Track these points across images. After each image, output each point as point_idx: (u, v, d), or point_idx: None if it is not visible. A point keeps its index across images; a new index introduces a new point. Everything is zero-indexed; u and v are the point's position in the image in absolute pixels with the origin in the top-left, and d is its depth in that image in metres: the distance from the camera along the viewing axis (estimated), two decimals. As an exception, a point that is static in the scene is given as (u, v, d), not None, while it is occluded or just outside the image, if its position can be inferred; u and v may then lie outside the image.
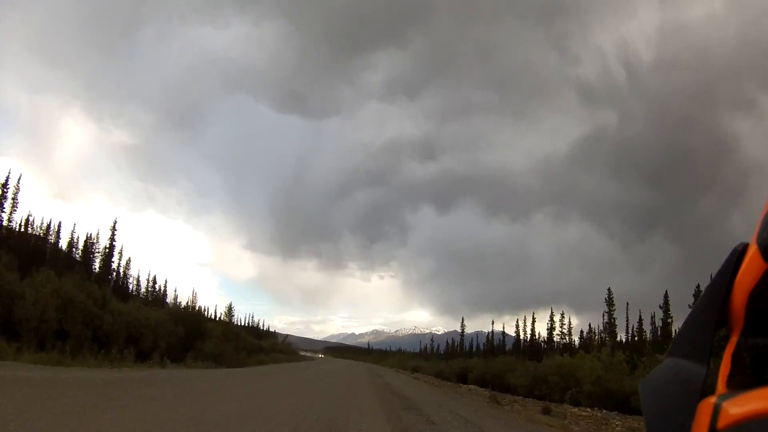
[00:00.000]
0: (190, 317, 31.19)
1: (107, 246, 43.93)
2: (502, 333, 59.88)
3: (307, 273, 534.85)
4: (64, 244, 49.38)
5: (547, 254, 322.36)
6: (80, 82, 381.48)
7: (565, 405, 16.72)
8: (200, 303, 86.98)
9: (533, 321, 50.05)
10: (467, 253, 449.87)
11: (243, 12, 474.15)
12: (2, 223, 31.28)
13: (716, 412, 0.47)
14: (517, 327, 55.49)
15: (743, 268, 0.50)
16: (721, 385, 0.50)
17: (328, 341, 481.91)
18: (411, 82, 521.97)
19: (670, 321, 32.81)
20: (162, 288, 62.92)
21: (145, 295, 55.85)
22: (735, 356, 0.50)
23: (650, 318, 40.54)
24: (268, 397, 10.55)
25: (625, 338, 41.07)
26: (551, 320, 46.44)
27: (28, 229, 47.86)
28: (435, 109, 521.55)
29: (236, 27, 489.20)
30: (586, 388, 17.20)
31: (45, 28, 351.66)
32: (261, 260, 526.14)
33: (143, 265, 66.46)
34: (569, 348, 41.00)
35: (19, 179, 32.20)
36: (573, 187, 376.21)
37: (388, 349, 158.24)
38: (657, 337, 34.46)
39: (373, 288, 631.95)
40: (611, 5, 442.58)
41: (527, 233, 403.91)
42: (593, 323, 52.99)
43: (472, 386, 29.14)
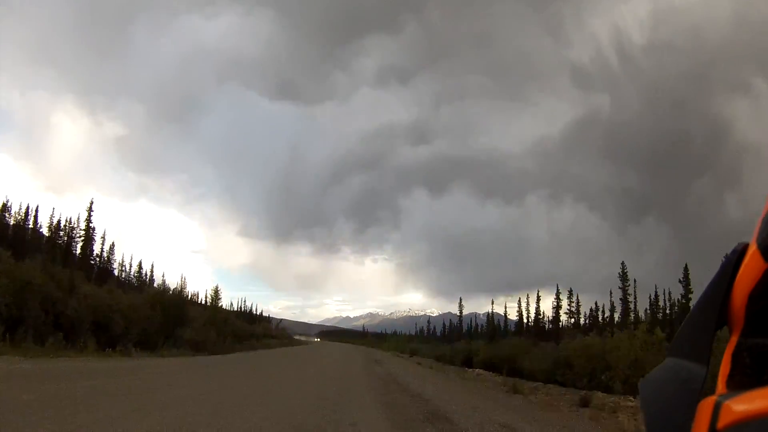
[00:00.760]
0: (171, 302, 28.36)
1: (84, 228, 41.07)
2: (504, 315, 57.87)
3: (302, 258, 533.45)
4: (47, 231, 46.62)
5: (541, 237, 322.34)
6: (71, 76, 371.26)
7: (598, 393, 14.31)
8: (190, 288, 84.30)
9: (538, 300, 47.91)
10: (460, 236, 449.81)
11: (234, 0, 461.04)
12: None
13: (716, 412, 0.46)
14: (520, 307, 53.63)
15: (743, 268, 0.50)
16: (721, 385, 0.50)
17: (324, 325, 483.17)
18: (403, 67, 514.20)
19: (690, 297, 30.66)
20: (148, 273, 60.03)
21: (127, 280, 53.12)
22: (735, 356, 0.49)
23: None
24: (218, 407, 7.08)
25: (634, 316, 39.26)
26: (557, 299, 44.36)
27: (5, 215, 44.79)
28: (428, 94, 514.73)
29: (227, 16, 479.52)
30: (622, 373, 14.79)
31: (36, 22, 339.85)
32: (255, 246, 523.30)
33: (136, 253, 63.68)
34: (577, 327, 39.00)
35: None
36: (566, 170, 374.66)
37: (384, 332, 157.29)
38: (674, 314, 32.36)
39: (367, 271, 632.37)
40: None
41: (521, 216, 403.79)
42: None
43: (480, 371, 26.94)
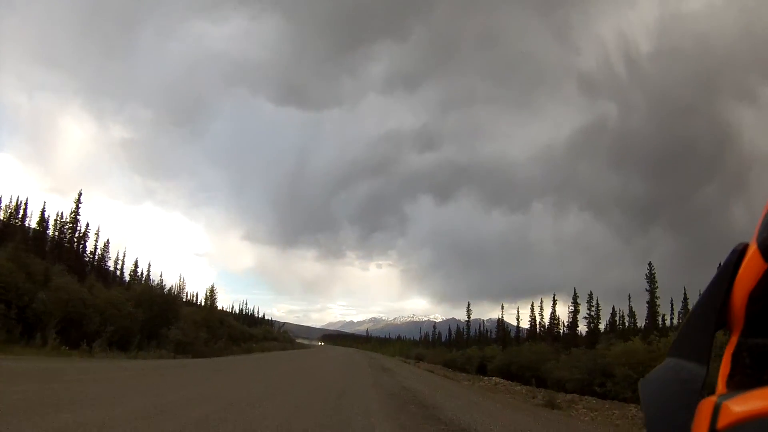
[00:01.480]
0: (158, 299, 25.88)
1: (72, 221, 38.72)
2: (517, 321, 54.98)
3: (306, 263, 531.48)
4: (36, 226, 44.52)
5: (547, 244, 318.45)
6: (80, 80, 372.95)
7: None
8: (190, 289, 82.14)
9: (554, 304, 44.93)
10: (466, 243, 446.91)
11: (241, 6, 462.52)
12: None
13: (716, 412, 0.46)
14: (533, 311, 50.68)
15: (743, 268, 0.49)
16: (721, 385, 0.50)
17: (327, 329, 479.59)
18: (411, 74, 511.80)
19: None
20: (145, 272, 57.80)
21: (121, 277, 50.78)
22: (735, 356, 0.49)
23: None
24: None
25: (662, 321, 36.54)
26: (575, 303, 41.42)
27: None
28: (435, 100, 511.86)
29: (235, 21, 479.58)
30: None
31: (45, 27, 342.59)
32: (260, 250, 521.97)
33: (141, 256, 61.37)
34: (597, 333, 36.17)
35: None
36: (573, 177, 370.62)
37: (387, 337, 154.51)
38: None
39: (372, 277, 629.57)
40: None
41: (527, 223, 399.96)
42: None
43: (497, 379, 24.27)
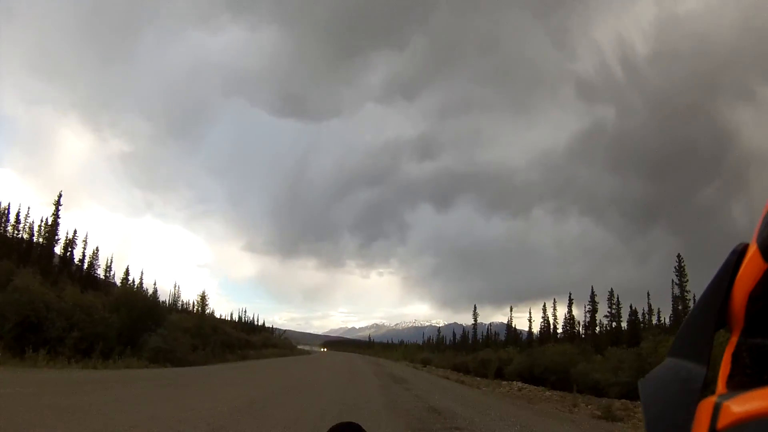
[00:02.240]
0: (139, 304, 23.15)
1: (51, 224, 36.03)
2: (529, 323, 52.40)
3: (307, 271, 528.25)
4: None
5: (548, 249, 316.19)
6: (77, 92, 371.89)
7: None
8: (186, 298, 79.71)
9: (570, 304, 42.21)
10: (467, 249, 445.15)
11: (239, 16, 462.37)
12: None
13: (716, 412, 0.47)
14: (545, 312, 48.00)
15: (743, 268, 0.49)
16: (721, 385, 0.49)
17: (329, 336, 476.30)
18: (409, 82, 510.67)
19: None
20: (138, 279, 55.27)
21: (108, 283, 48.16)
22: (735, 356, 0.49)
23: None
24: None
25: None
26: (592, 302, 38.77)
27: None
28: (433, 108, 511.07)
29: (232, 32, 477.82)
30: None
31: (42, 39, 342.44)
32: (260, 260, 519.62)
33: (139, 266, 58.68)
34: (619, 332, 33.46)
35: None
36: (573, 182, 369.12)
37: (390, 342, 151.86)
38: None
39: (373, 284, 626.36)
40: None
41: (527, 228, 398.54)
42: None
43: (519, 383, 21.63)
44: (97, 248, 47.22)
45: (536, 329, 51.23)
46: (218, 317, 72.08)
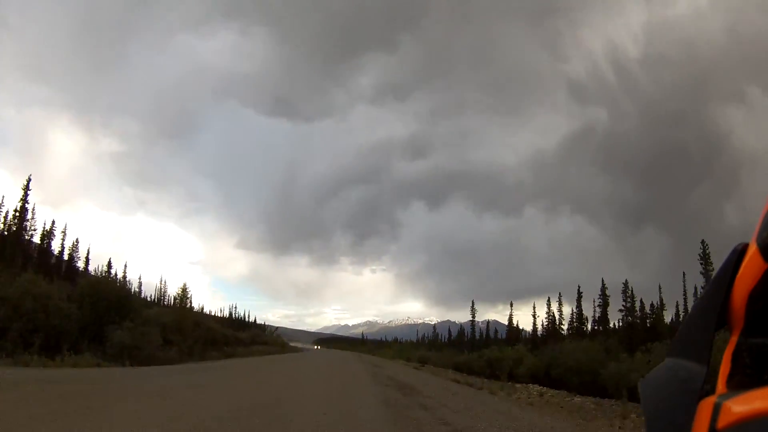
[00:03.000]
0: (107, 294, 20.38)
1: (19, 210, 33.00)
2: (533, 319, 50.09)
3: (300, 269, 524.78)
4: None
5: (540, 247, 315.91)
6: (68, 93, 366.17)
7: None
8: (172, 292, 76.81)
9: (579, 297, 39.85)
10: (459, 247, 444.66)
11: (230, 19, 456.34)
12: None
13: (716, 412, 0.46)
14: (549, 308, 45.76)
15: (743, 268, 0.50)
16: (721, 385, 0.50)
17: (322, 333, 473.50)
18: (400, 83, 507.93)
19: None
20: (121, 273, 52.29)
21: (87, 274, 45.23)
22: (735, 356, 0.49)
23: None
24: None
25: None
26: (603, 296, 36.53)
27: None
28: (425, 109, 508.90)
29: (224, 34, 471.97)
30: None
31: (33, 40, 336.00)
32: (253, 258, 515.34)
33: (134, 266, 55.72)
34: (634, 328, 31.21)
35: None
36: (564, 183, 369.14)
37: (383, 339, 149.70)
38: None
39: (366, 281, 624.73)
40: (599, 3, 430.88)
41: (519, 227, 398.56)
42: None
43: (537, 387, 19.20)
44: (77, 240, 44.28)
45: (536, 326, 49.20)
46: (206, 313, 69.54)
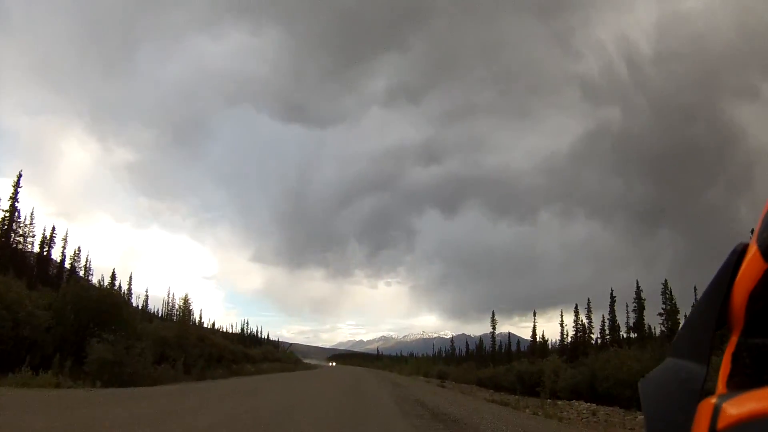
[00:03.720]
0: (92, 303, 18.12)
1: (9, 210, 31.09)
2: (561, 328, 46.97)
3: (315, 283, 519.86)
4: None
5: (556, 254, 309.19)
6: (81, 103, 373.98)
7: None
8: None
9: (612, 302, 36.75)
10: (475, 256, 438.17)
11: (241, 23, 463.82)
12: None
13: (716, 413, 0.46)
14: (577, 316, 42.71)
15: (743, 268, 0.50)
16: (721, 385, 0.50)
17: (337, 349, 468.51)
18: (413, 86, 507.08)
19: None
20: (126, 285, 50.64)
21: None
22: (735, 356, 0.50)
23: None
24: None
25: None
26: (638, 299, 33.48)
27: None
28: (438, 112, 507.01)
29: (234, 38, 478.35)
30: None
31: (44, 51, 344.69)
32: (268, 272, 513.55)
33: (149, 280, 54.54)
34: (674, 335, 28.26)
35: None
36: (579, 185, 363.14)
37: (399, 354, 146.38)
38: None
39: (381, 295, 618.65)
40: (610, 0, 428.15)
41: (535, 233, 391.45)
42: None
43: (591, 405, 16.37)
44: (79, 248, 42.67)
45: (556, 337, 46.08)
46: (215, 328, 67.48)
